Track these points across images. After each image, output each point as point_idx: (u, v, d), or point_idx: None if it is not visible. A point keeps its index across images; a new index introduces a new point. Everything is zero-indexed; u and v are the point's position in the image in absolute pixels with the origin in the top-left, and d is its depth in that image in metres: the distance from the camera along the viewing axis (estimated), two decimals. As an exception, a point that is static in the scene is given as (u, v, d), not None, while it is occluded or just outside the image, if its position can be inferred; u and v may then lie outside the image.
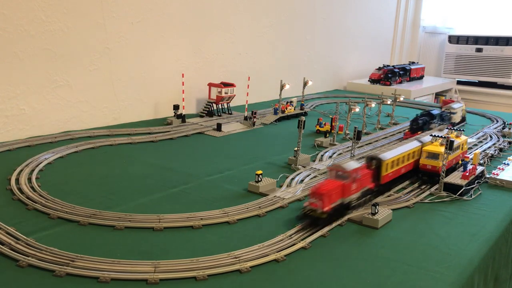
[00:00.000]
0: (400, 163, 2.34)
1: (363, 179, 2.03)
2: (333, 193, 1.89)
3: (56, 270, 1.49)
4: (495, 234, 1.99)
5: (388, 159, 2.22)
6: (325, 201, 1.84)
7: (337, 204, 1.92)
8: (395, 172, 2.32)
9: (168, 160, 2.73)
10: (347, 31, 6.11)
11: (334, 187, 1.89)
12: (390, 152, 2.29)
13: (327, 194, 1.85)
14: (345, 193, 1.94)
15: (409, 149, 2.42)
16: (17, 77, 2.89)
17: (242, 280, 1.52)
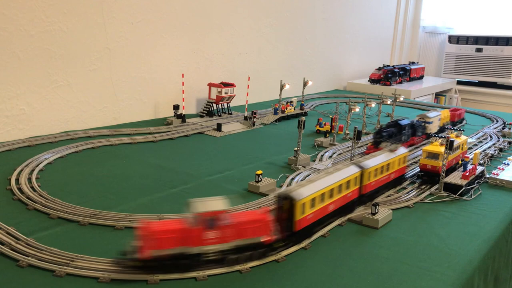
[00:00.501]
0: (326, 199, 1.84)
1: (241, 228, 1.55)
2: (164, 236, 1.45)
3: (56, 270, 1.49)
4: (495, 234, 1.99)
5: (304, 197, 1.70)
6: (146, 245, 1.44)
7: (173, 252, 1.48)
8: (319, 211, 1.80)
9: (168, 160, 2.73)
10: (347, 31, 6.11)
11: (170, 229, 1.47)
12: (312, 185, 1.79)
13: (151, 236, 1.44)
14: (192, 241, 1.48)
15: (340, 179, 1.93)
16: (17, 77, 2.89)
17: (242, 280, 1.52)
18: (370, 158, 2.18)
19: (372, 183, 2.16)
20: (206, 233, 1.48)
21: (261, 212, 1.62)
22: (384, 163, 2.23)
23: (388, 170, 2.27)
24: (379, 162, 2.19)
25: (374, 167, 2.14)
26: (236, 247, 1.55)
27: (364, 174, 2.08)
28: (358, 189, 2.07)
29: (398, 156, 2.34)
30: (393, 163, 2.31)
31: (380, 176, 2.21)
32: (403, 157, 2.41)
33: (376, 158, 2.20)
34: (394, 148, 2.36)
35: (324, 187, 1.82)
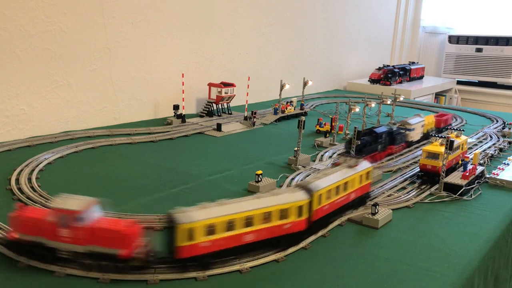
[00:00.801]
0: (219, 231, 1.55)
1: (96, 234, 1.46)
2: (27, 222, 1.48)
3: (56, 270, 1.49)
4: (495, 234, 1.99)
5: (198, 220, 1.50)
6: (13, 227, 1.49)
7: (33, 240, 1.49)
8: (219, 242, 1.55)
9: (168, 160, 2.73)
10: (347, 31, 6.11)
11: (33, 217, 1.49)
12: (209, 210, 1.56)
13: (17, 219, 1.48)
14: (48, 234, 1.48)
15: (255, 209, 1.62)
16: (17, 77, 2.89)
17: (242, 280, 1.52)
18: (323, 177, 1.88)
19: (325, 207, 1.86)
20: (59, 229, 1.46)
21: (125, 224, 1.50)
22: (340, 182, 1.92)
23: (347, 189, 1.97)
24: (334, 182, 1.89)
25: (327, 188, 1.84)
26: (90, 252, 1.48)
27: (313, 199, 1.77)
28: (305, 220, 1.74)
29: (359, 172, 2.03)
30: (353, 181, 2.01)
31: (335, 198, 1.91)
32: (366, 173, 2.09)
33: (330, 176, 1.91)
34: (354, 163, 2.05)
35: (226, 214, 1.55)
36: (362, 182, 2.08)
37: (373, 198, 2.26)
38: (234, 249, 1.60)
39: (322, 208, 1.83)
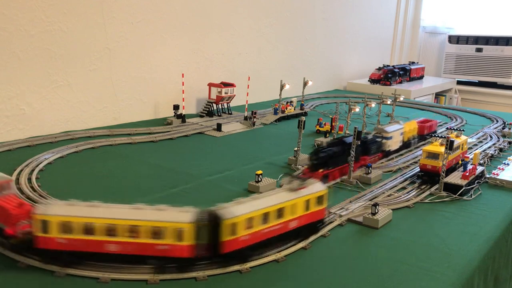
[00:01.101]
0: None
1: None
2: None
3: (56, 270, 1.49)
4: (495, 234, 1.99)
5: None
6: None
7: None
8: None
9: (168, 160, 2.73)
10: (347, 31, 6.11)
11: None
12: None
13: None
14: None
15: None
16: (17, 77, 2.89)
17: (242, 280, 1.52)
18: (247, 202, 1.62)
19: (243, 238, 1.57)
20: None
21: (16, 204, 1.55)
22: (270, 209, 1.63)
23: (283, 217, 1.68)
24: (261, 208, 1.61)
25: (245, 215, 1.55)
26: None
27: (223, 227, 1.52)
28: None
29: (304, 197, 1.73)
30: (293, 208, 1.71)
31: (261, 228, 1.61)
32: (317, 197, 1.77)
33: (259, 201, 1.64)
34: (297, 186, 1.73)
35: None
36: (310, 208, 1.76)
37: (373, 198, 2.26)
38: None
39: (237, 239, 1.55)
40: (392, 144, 2.92)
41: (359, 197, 2.26)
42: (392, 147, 2.93)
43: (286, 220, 1.69)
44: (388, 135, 2.88)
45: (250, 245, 1.59)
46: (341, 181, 2.48)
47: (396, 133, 2.94)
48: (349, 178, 2.48)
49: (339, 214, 2.03)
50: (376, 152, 2.80)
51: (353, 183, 2.46)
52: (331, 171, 2.42)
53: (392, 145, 2.93)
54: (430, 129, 3.44)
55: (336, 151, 2.44)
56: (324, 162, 2.36)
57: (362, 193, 2.32)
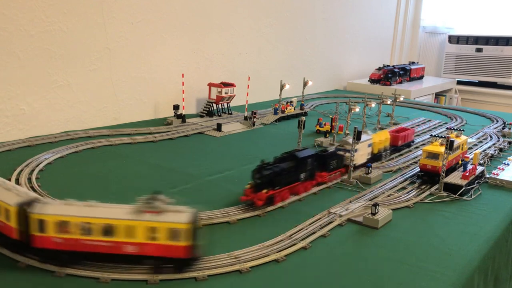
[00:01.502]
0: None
1: None
2: None
3: (56, 270, 1.49)
4: (495, 234, 1.99)
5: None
6: None
7: None
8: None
9: (168, 160, 2.73)
10: (347, 31, 6.11)
11: None
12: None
13: None
14: None
15: None
16: (17, 77, 2.89)
17: (242, 280, 1.52)
18: (73, 205, 1.48)
19: (56, 240, 1.46)
20: None
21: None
22: (94, 221, 1.45)
23: (113, 235, 1.46)
24: (81, 215, 1.45)
25: (58, 217, 1.44)
26: None
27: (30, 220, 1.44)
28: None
29: (145, 222, 1.46)
30: (129, 230, 1.46)
31: (80, 237, 1.46)
32: (167, 228, 1.46)
33: (89, 209, 1.48)
34: (153, 207, 1.47)
35: None
36: (158, 239, 1.47)
37: (373, 198, 2.26)
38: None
39: (48, 238, 1.46)
40: (357, 158, 2.55)
41: (359, 197, 2.27)
42: (358, 161, 2.57)
43: (119, 240, 1.47)
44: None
45: (66, 250, 1.47)
46: (341, 181, 2.48)
47: (362, 145, 2.59)
48: (349, 178, 2.48)
49: (339, 214, 2.03)
50: (337, 167, 2.47)
51: (353, 183, 2.46)
52: (277, 192, 2.09)
53: (358, 158, 2.57)
54: (405, 139, 3.10)
55: (284, 168, 2.11)
56: (269, 181, 2.04)
57: (362, 193, 2.32)
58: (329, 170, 2.41)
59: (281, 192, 2.12)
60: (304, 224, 1.92)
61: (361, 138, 2.45)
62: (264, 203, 2.03)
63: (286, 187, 2.13)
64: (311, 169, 2.27)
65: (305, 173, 2.23)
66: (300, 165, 2.19)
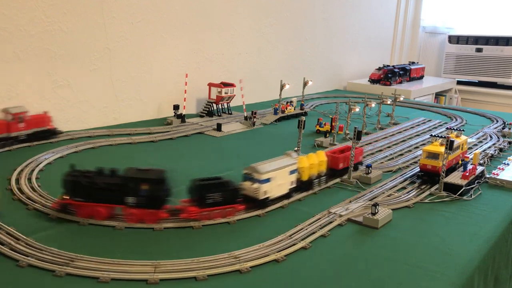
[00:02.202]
0: None
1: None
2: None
3: (56, 270, 1.49)
4: (495, 234, 1.99)
5: None
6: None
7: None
8: None
9: (168, 160, 2.73)
10: (347, 31, 6.11)
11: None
12: None
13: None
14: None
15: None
16: (17, 77, 2.89)
17: (242, 280, 1.52)
18: None
19: None
20: None
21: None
22: None
23: None
24: None
25: None
26: None
27: None
28: None
29: None
30: None
31: None
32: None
33: None
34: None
35: None
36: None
37: (373, 198, 2.26)
38: None
39: None
40: (271, 190, 2.04)
41: (359, 197, 2.26)
42: (272, 193, 2.05)
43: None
44: (262, 176, 1.98)
45: None
46: (341, 181, 2.48)
47: (278, 174, 2.06)
48: (349, 178, 2.48)
49: (339, 214, 2.03)
50: (224, 202, 1.92)
51: (353, 183, 2.46)
52: (80, 204, 1.84)
53: (272, 190, 2.05)
54: (347, 162, 2.49)
55: (95, 182, 1.83)
56: (72, 188, 1.84)
57: (362, 193, 2.32)
58: (205, 204, 1.89)
59: (88, 207, 1.84)
60: (304, 224, 1.92)
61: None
62: (57, 208, 1.86)
63: (97, 203, 1.83)
64: (153, 196, 1.82)
65: (138, 199, 1.80)
66: (127, 186, 1.81)
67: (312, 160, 2.29)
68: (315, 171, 2.31)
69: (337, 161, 2.45)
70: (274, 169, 2.05)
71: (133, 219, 1.83)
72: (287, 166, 2.12)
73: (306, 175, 2.26)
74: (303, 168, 2.23)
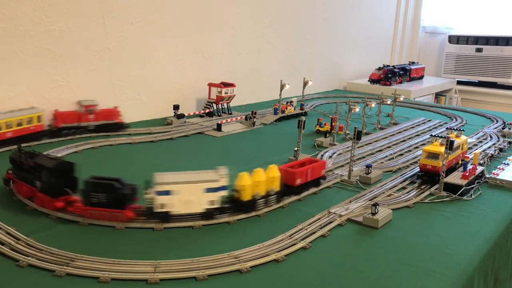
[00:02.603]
0: None
1: None
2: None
3: (56, 270, 1.49)
4: (495, 234, 1.99)
5: None
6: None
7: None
8: None
9: (168, 160, 2.73)
10: (347, 31, 6.11)
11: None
12: None
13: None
14: None
15: None
16: (17, 77, 2.89)
17: (242, 280, 1.52)
18: None
19: None
20: None
21: None
22: None
23: None
24: None
25: None
26: None
27: None
28: None
29: None
30: None
31: None
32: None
33: None
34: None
35: None
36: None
37: (373, 198, 2.26)
38: None
39: None
40: (174, 204, 1.83)
41: (359, 197, 2.26)
42: (175, 208, 1.83)
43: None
44: (158, 187, 1.80)
45: None
46: (341, 181, 2.48)
47: (184, 188, 1.82)
48: (349, 178, 2.48)
49: (339, 214, 2.03)
50: (113, 205, 1.82)
51: (353, 183, 2.46)
52: (15, 180, 2.05)
53: (176, 205, 1.83)
54: (307, 176, 2.19)
55: (23, 162, 1.97)
56: (13, 164, 2.04)
57: (362, 193, 2.32)
58: (90, 203, 1.82)
59: (18, 184, 2.03)
60: (304, 224, 1.92)
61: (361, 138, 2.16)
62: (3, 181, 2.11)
63: (22, 182, 1.99)
64: (51, 184, 1.87)
65: (42, 184, 1.89)
66: (36, 170, 1.92)
67: (258, 177, 1.99)
68: (262, 190, 2.01)
69: (293, 177, 2.13)
70: (178, 182, 1.81)
71: (37, 202, 1.94)
72: (200, 182, 1.84)
73: (248, 194, 1.97)
74: (244, 186, 1.95)
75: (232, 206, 1.96)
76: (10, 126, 2.67)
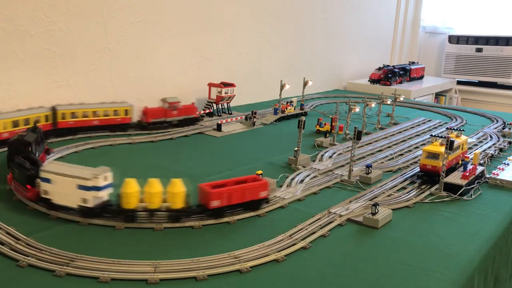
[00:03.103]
0: None
1: None
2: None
3: (56, 270, 1.49)
4: (495, 234, 1.99)
5: None
6: None
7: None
8: None
9: (168, 160, 2.73)
10: (347, 31, 6.10)
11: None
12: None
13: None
14: None
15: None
16: (17, 77, 2.89)
17: (242, 280, 1.52)
18: None
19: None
20: None
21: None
22: None
23: None
24: None
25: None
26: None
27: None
28: None
29: None
30: None
31: None
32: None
33: None
34: None
35: None
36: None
37: (373, 198, 2.26)
38: None
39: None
40: (54, 193, 1.85)
41: (359, 197, 2.26)
42: (55, 197, 1.85)
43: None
44: (41, 173, 1.84)
45: None
46: (341, 181, 2.48)
47: (59, 180, 1.82)
48: (349, 178, 2.48)
49: (339, 214, 2.03)
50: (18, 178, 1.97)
51: (353, 183, 2.46)
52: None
53: (55, 195, 1.84)
54: (230, 200, 1.90)
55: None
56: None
57: (362, 193, 2.32)
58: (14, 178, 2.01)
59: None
60: (304, 224, 1.92)
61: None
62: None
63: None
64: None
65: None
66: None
67: (151, 187, 1.84)
68: (155, 202, 1.84)
69: (207, 197, 1.87)
70: (56, 172, 1.82)
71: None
72: (74, 178, 1.80)
73: (130, 203, 1.82)
74: (126, 194, 1.81)
75: (106, 210, 1.84)
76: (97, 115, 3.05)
